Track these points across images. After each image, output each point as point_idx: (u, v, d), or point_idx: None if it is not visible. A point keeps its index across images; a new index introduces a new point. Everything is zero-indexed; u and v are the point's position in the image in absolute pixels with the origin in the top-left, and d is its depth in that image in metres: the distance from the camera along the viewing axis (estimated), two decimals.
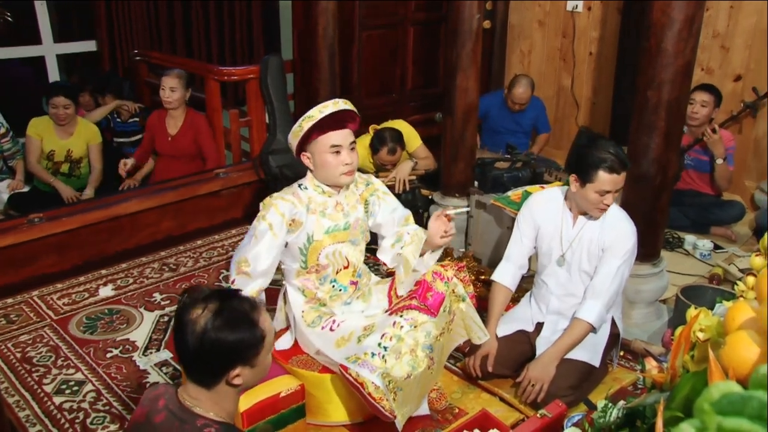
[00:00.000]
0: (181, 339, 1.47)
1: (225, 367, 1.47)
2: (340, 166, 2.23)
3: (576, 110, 4.97)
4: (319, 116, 2.19)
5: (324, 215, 2.30)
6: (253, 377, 1.53)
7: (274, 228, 2.21)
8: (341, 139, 2.23)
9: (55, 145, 4.05)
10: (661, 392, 1.02)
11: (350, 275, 2.40)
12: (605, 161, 2.31)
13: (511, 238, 2.70)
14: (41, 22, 4.80)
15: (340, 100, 2.26)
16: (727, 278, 3.32)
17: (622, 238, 2.43)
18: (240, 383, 1.50)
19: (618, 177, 2.33)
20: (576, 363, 2.43)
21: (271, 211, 2.22)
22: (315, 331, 2.33)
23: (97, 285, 3.36)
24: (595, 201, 2.38)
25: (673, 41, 2.55)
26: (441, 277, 2.28)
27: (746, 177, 4.24)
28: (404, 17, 4.62)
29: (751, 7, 4.01)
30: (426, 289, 2.25)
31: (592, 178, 2.34)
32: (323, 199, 2.31)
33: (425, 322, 2.20)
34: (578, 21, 4.81)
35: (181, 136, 4.09)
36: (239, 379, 1.49)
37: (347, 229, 2.35)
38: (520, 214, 2.70)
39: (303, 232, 2.27)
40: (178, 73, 3.99)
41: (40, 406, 2.50)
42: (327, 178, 2.28)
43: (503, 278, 2.65)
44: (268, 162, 3.83)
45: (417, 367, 2.16)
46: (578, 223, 2.51)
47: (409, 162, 3.91)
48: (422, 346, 2.18)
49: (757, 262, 1.20)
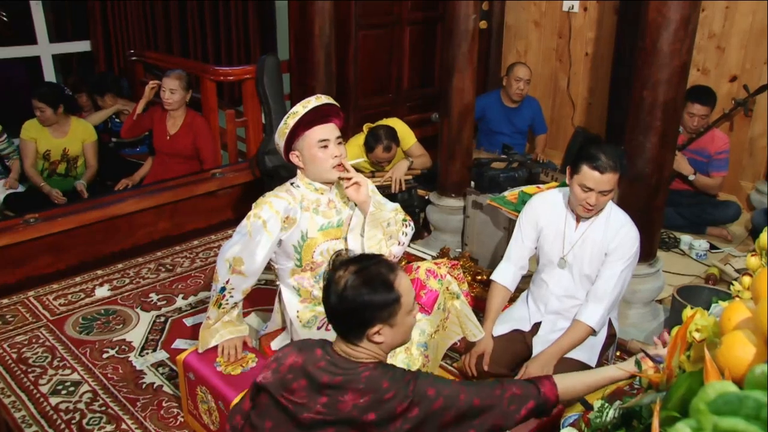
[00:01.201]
0: (327, 298, 1.60)
1: (364, 324, 1.56)
2: (329, 159, 2.23)
3: (572, 110, 4.97)
4: (303, 111, 2.20)
5: (317, 212, 2.30)
6: (394, 336, 1.60)
7: (268, 226, 2.20)
8: (327, 133, 2.23)
9: (50, 144, 4.05)
10: (658, 392, 1.02)
11: None
12: (592, 157, 2.31)
13: (512, 239, 2.70)
14: (37, 22, 4.79)
15: (322, 96, 2.27)
16: (723, 278, 3.33)
17: (625, 243, 2.43)
18: (381, 341, 1.58)
19: (600, 176, 2.30)
20: (573, 363, 2.43)
21: (265, 209, 2.21)
22: (311, 332, 2.32)
23: (93, 285, 3.35)
24: (578, 196, 2.37)
25: (669, 41, 2.55)
26: (434, 275, 2.28)
27: (742, 177, 4.25)
28: (400, 17, 4.61)
29: (746, 8, 4.02)
30: (419, 287, 2.25)
31: (577, 169, 2.35)
32: (316, 196, 2.31)
33: (420, 320, 2.20)
34: (574, 21, 4.81)
35: (180, 136, 4.08)
36: (380, 337, 1.57)
37: (340, 226, 2.35)
38: (522, 214, 2.69)
39: (297, 230, 2.27)
40: (178, 75, 3.98)
41: (36, 406, 2.49)
42: (318, 174, 2.27)
43: (503, 278, 2.65)
44: (264, 162, 3.83)
45: (412, 365, 2.16)
46: (581, 226, 2.50)
47: (405, 161, 3.90)
48: (417, 344, 2.19)
49: (753, 262, 1.20)
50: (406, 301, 1.59)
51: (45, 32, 4.84)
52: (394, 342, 1.63)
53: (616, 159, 2.33)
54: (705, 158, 3.84)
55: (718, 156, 3.83)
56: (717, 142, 3.84)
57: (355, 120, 4.39)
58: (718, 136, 3.87)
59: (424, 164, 4.01)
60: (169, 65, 4.59)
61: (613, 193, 2.40)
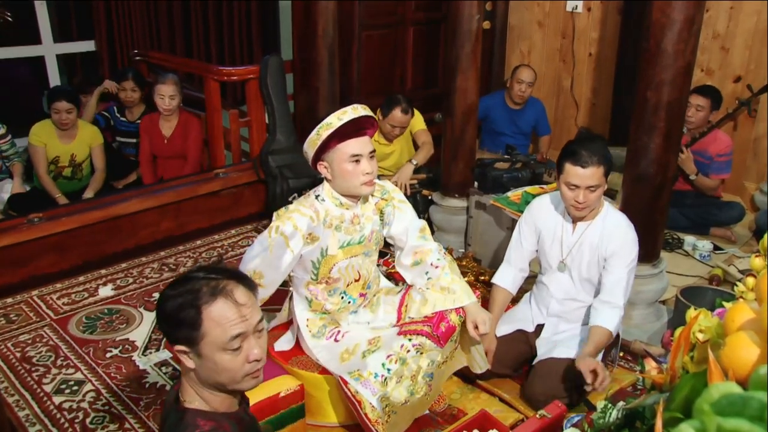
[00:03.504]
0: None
1: (169, 337, 1.42)
2: (360, 175, 2.13)
3: (576, 111, 4.97)
4: (338, 124, 2.08)
5: (340, 230, 2.23)
6: (206, 370, 1.38)
7: (290, 243, 2.12)
8: (361, 147, 2.13)
9: (59, 150, 4.02)
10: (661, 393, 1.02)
11: (360, 287, 2.37)
12: (573, 153, 2.29)
13: (511, 241, 2.69)
14: (41, 21, 4.79)
15: (359, 106, 2.15)
16: (726, 279, 3.32)
17: (625, 247, 2.40)
18: (191, 366, 1.38)
19: (583, 171, 2.28)
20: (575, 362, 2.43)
21: (288, 225, 2.12)
22: (320, 343, 2.30)
23: (96, 285, 3.36)
24: (567, 195, 2.36)
25: (673, 42, 2.55)
26: (457, 311, 2.27)
27: (745, 178, 4.24)
28: (404, 17, 4.61)
29: (751, 8, 4.01)
30: (440, 319, 2.25)
31: (561, 169, 2.34)
32: (340, 212, 2.22)
33: (431, 351, 2.19)
34: (578, 21, 4.81)
35: (176, 137, 4.10)
36: (189, 361, 1.38)
37: (362, 243, 2.29)
38: (521, 218, 2.69)
39: (318, 247, 2.21)
40: (173, 80, 4.00)
41: (40, 405, 2.50)
42: (346, 188, 2.18)
43: (503, 281, 2.66)
44: (267, 162, 3.84)
45: (415, 394, 2.15)
46: (578, 229, 2.49)
47: (410, 165, 3.91)
48: (423, 374, 2.18)
49: (756, 263, 1.20)
50: (213, 336, 1.34)
51: (49, 32, 4.85)
52: (210, 377, 1.38)
53: (599, 152, 2.30)
54: (706, 159, 3.83)
55: (719, 158, 3.82)
56: (719, 144, 3.83)
57: None
58: (721, 138, 3.86)
59: (427, 154, 4.00)
60: (172, 65, 4.60)
61: (602, 189, 2.36)
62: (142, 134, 4.21)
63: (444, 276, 2.30)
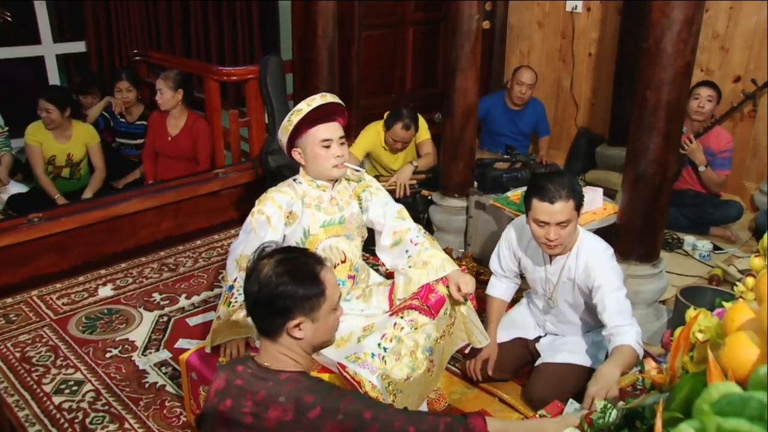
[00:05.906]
0: (248, 287, 1.54)
1: (284, 315, 1.50)
2: (331, 158, 2.25)
3: (575, 111, 4.97)
4: (308, 109, 2.21)
5: (319, 209, 2.31)
6: (315, 333, 1.54)
7: (272, 221, 2.21)
8: (331, 132, 2.24)
9: (55, 150, 4.03)
10: (661, 393, 1.02)
11: (347, 269, 2.41)
12: (540, 189, 2.18)
13: (493, 257, 2.66)
14: (41, 21, 4.79)
15: (327, 94, 2.29)
16: (726, 279, 3.32)
17: (609, 274, 2.29)
18: (302, 336, 1.51)
19: (552, 207, 2.16)
20: (578, 368, 2.42)
21: (268, 204, 2.23)
22: None
23: (96, 285, 3.36)
24: (537, 234, 2.25)
25: (673, 42, 2.55)
26: (443, 280, 2.28)
27: (745, 177, 4.24)
28: (404, 17, 4.62)
29: (750, 8, 4.01)
30: (428, 291, 2.25)
31: (529, 205, 2.24)
32: (318, 193, 2.32)
33: (425, 324, 2.20)
34: (578, 21, 4.81)
35: (182, 138, 4.09)
36: (300, 332, 1.51)
37: (342, 223, 2.35)
38: (502, 239, 2.62)
39: (299, 227, 2.28)
40: (164, 75, 4.01)
41: (40, 405, 2.50)
42: (319, 172, 2.29)
43: (496, 291, 2.66)
44: (267, 162, 3.83)
45: (416, 369, 2.15)
46: (556, 263, 2.41)
47: (410, 166, 3.91)
48: (422, 348, 2.18)
49: (756, 263, 1.20)
50: (330, 296, 1.54)
51: (49, 32, 4.85)
52: (315, 340, 1.56)
53: (567, 186, 2.20)
54: (709, 156, 3.83)
55: (721, 154, 3.83)
56: (721, 141, 3.83)
57: (357, 120, 4.39)
58: (722, 134, 3.87)
59: (428, 164, 4.02)
60: (172, 65, 4.60)
61: (574, 224, 2.26)
62: (149, 129, 4.23)
63: (424, 251, 2.31)
